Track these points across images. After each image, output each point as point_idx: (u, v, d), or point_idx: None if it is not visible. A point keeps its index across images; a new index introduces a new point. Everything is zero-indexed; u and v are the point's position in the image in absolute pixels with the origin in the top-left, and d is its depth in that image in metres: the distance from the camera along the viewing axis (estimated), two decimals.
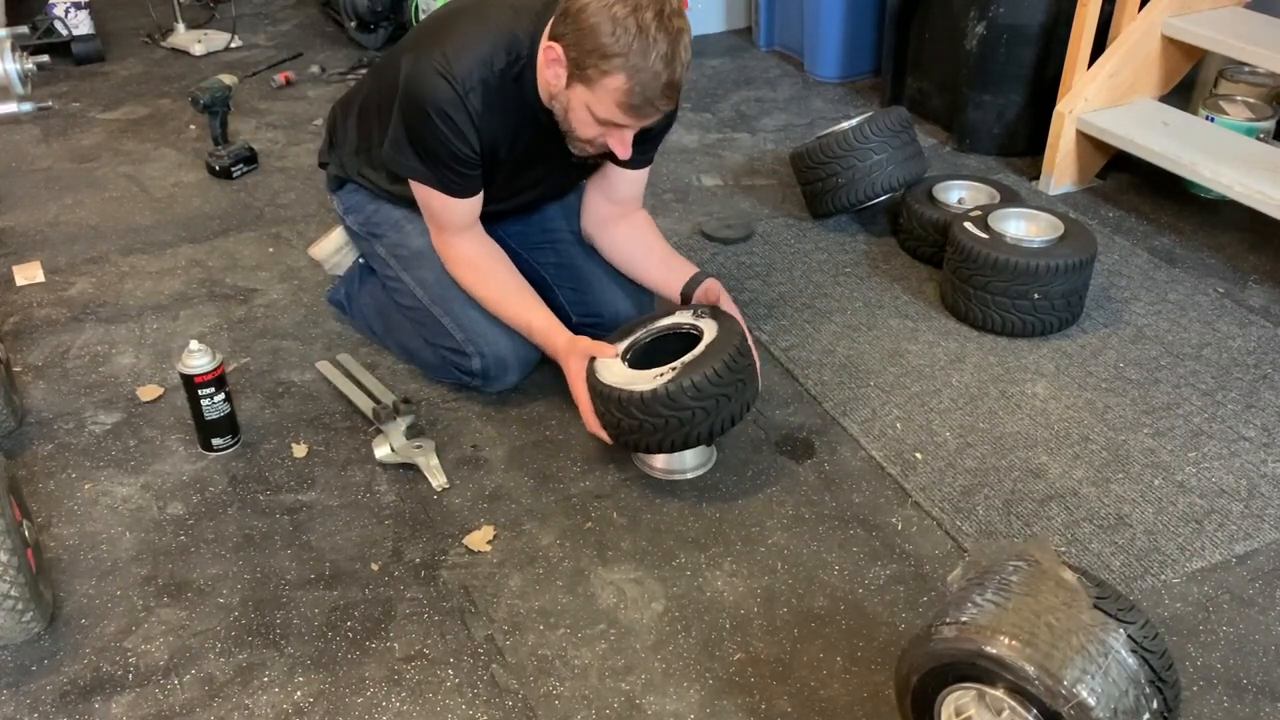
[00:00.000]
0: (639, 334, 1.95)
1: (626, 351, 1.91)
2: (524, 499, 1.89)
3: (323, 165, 2.29)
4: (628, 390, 1.78)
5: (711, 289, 2.01)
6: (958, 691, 1.30)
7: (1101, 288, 2.47)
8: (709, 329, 1.87)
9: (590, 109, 1.76)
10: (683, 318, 1.94)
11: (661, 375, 1.79)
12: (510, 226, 2.29)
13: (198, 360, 1.92)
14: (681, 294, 2.06)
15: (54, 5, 3.72)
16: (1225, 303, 2.43)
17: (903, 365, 2.24)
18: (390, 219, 2.12)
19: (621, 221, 2.16)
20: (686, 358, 1.81)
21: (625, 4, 1.66)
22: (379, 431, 1.96)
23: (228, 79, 3.03)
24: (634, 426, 1.79)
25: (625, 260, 2.16)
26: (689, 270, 2.08)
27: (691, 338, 1.89)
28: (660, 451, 1.86)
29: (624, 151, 1.83)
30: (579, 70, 1.73)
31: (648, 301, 2.20)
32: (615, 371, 1.85)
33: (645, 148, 2.04)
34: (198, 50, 3.94)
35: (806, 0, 3.63)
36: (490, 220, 2.08)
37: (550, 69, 1.78)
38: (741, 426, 2.01)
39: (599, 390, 1.83)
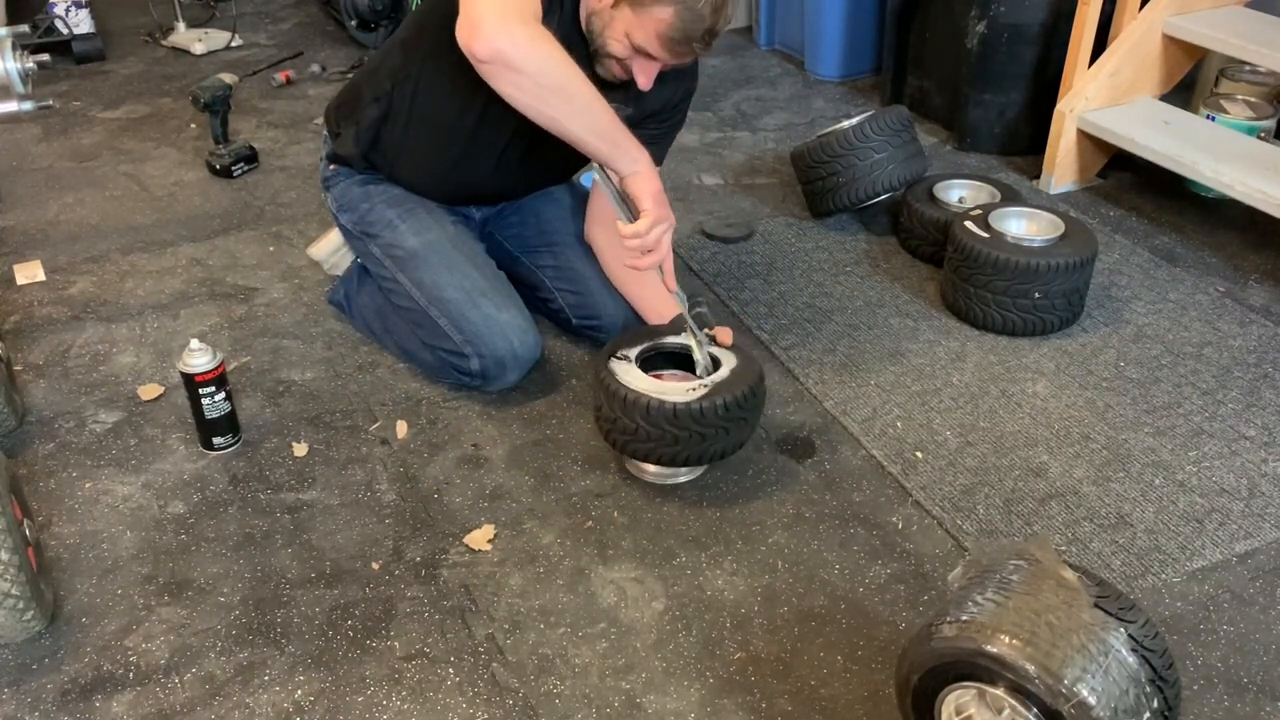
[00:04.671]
0: (647, 345, 1.91)
1: (638, 359, 1.88)
2: (524, 498, 1.89)
3: (334, 134, 2.16)
4: (658, 399, 1.75)
5: (723, 335, 2.00)
6: (958, 690, 1.30)
7: (1102, 287, 2.47)
8: (726, 358, 1.88)
9: (629, 33, 1.79)
10: (690, 340, 1.92)
11: (693, 390, 1.78)
12: (508, 230, 2.29)
13: (198, 359, 1.92)
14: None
15: (54, 4, 3.72)
16: (1226, 302, 2.43)
17: (903, 364, 2.24)
18: (384, 218, 2.11)
19: None
20: (714, 377, 1.82)
21: None
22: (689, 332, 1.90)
23: (228, 78, 3.03)
24: (654, 435, 1.77)
25: (622, 269, 2.15)
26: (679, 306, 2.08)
27: (691, 361, 1.90)
28: (663, 465, 1.85)
29: (645, 82, 1.87)
30: None
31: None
32: (636, 376, 1.82)
33: (656, 146, 2.03)
34: (198, 49, 3.94)
35: None
36: (486, 201, 2.02)
37: None
38: None
39: (619, 394, 1.78)
